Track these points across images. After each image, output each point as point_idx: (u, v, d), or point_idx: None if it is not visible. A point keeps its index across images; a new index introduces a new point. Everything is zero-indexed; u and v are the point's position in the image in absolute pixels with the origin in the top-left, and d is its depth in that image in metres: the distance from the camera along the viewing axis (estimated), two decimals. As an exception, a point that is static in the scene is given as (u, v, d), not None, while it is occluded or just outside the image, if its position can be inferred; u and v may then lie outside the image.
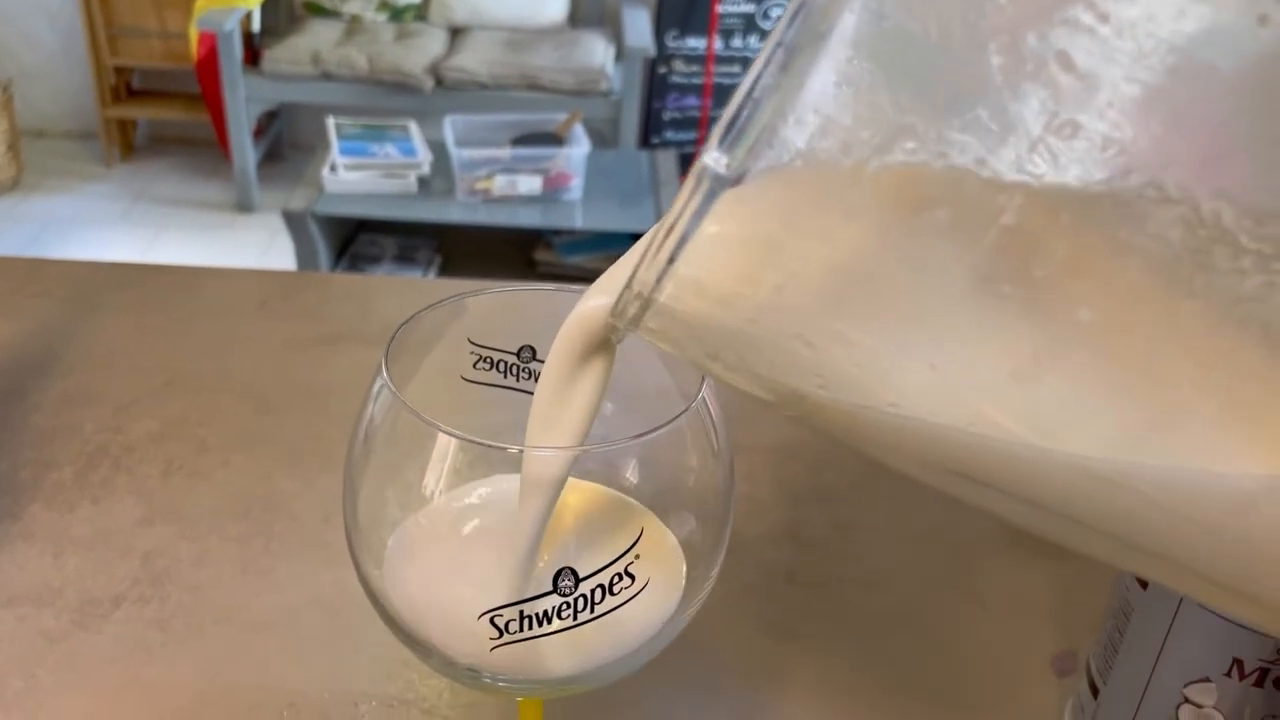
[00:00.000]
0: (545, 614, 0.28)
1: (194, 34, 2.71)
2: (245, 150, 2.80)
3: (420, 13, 2.94)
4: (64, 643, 0.44)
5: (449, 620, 0.30)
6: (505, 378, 0.35)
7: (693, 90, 2.99)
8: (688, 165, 2.53)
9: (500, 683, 0.30)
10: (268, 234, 2.78)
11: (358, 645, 0.45)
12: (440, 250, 2.56)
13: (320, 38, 2.78)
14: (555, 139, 2.37)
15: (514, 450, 0.28)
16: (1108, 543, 0.20)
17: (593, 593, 0.28)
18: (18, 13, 3.03)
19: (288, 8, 2.94)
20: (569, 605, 0.28)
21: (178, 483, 0.53)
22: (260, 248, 2.75)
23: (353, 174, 2.32)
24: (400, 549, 0.32)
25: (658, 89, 2.97)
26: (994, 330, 0.19)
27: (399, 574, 0.31)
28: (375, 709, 0.42)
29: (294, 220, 2.28)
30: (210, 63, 2.70)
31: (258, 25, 2.80)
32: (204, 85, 2.80)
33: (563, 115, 2.44)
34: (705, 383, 0.30)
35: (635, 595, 0.29)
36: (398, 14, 2.92)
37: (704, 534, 0.32)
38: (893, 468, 0.22)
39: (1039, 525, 0.22)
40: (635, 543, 0.29)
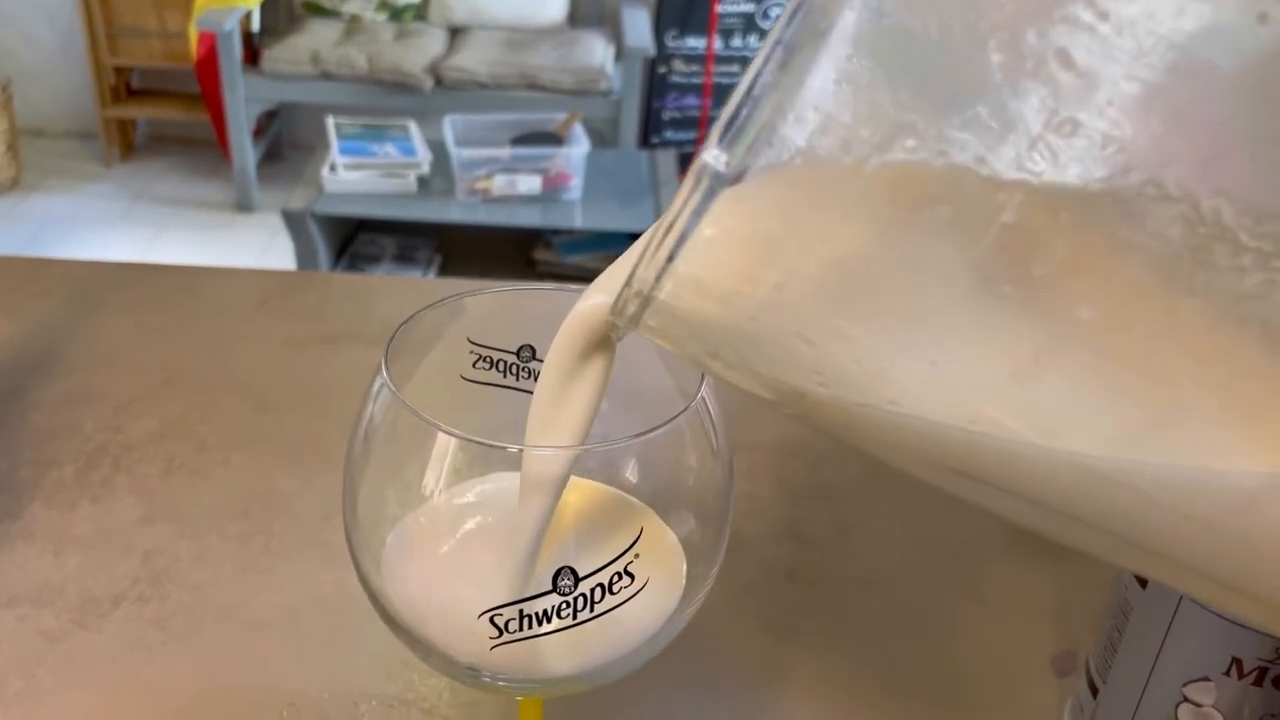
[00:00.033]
0: (545, 613, 0.28)
1: (193, 34, 2.71)
2: (245, 150, 2.80)
3: (420, 12, 2.93)
4: (64, 642, 0.44)
5: (449, 619, 0.30)
6: (505, 377, 0.34)
7: (692, 90, 2.99)
8: (687, 165, 2.51)
9: (500, 682, 0.30)
10: (267, 234, 2.78)
11: (357, 644, 0.45)
12: (440, 250, 2.56)
13: (320, 37, 2.78)
14: (555, 139, 2.36)
15: (514, 450, 0.28)
16: (1107, 541, 0.20)
17: (592, 592, 0.28)
18: (17, 13, 3.03)
19: (287, 7, 2.94)
20: (569, 604, 0.28)
21: (178, 482, 0.53)
22: (260, 247, 2.75)
23: (352, 174, 2.32)
24: (400, 548, 0.32)
25: (657, 89, 2.97)
26: (994, 328, 0.19)
27: (399, 573, 0.31)
28: (375, 708, 0.42)
29: (293, 220, 2.28)
30: (210, 62, 2.70)
31: (257, 25, 2.80)
32: (203, 85, 2.80)
33: (562, 115, 2.44)
34: (705, 381, 0.30)
35: (635, 594, 0.29)
36: (397, 14, 2.92)
37: (704, 533, 0.32)
38: (893, 466, 0.22)
39: (1038, 523, 0.22)
40: (635, 542, 0.29)
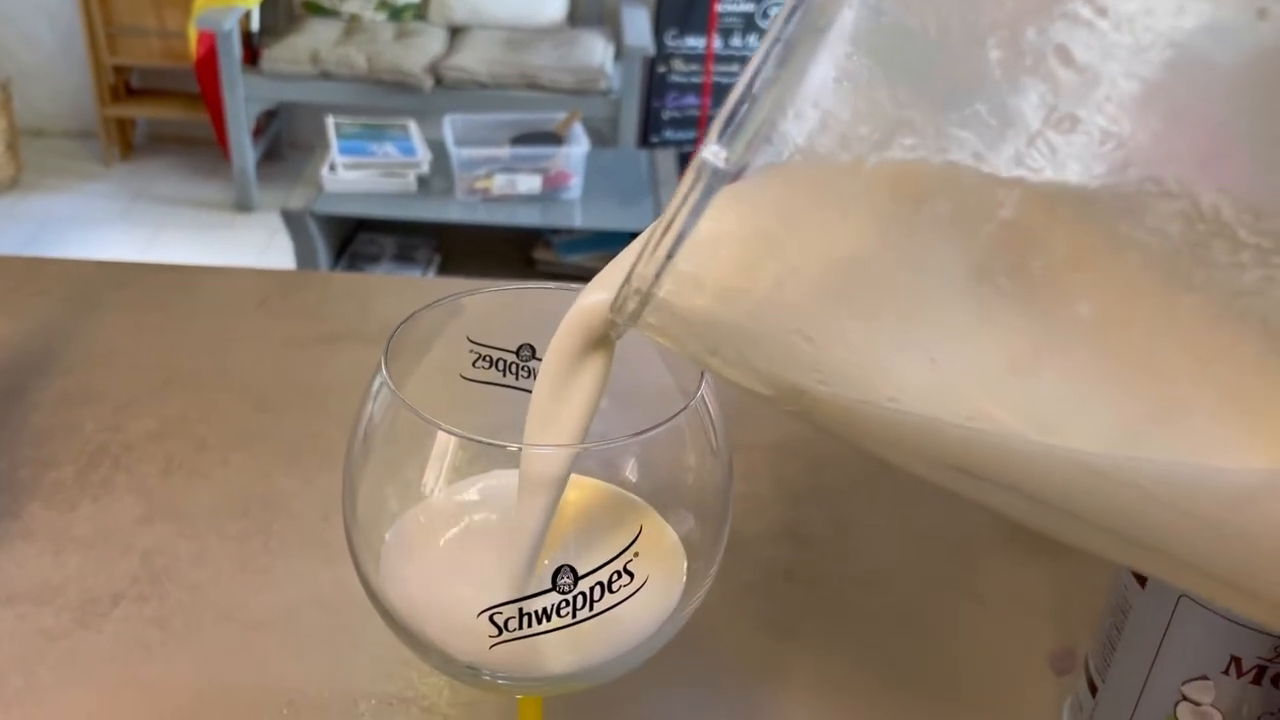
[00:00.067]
0: (544, 611, 0.28)
1: (193, 33, 2.71)
2: (244, 149, 2.80)
3: (419, 12, 2.93)
4: (64, 641, 0.44)
5: (448, 618, 0.30)
6: (504, 376, 0.34)
7: (692, 89, 2.99)
8: (687, 164, 2.51)
9: (500, 680, 0.30)
10: (267, 233, 2.78)
11: (357, 643, 0.45)
12: (439, 249, 2.56)
13: (319, 37, 2.78)
14: (554, 138, 2.36)
15: (513, 448, 0.28)
16: (1106, 537, 0.20)
17: (592, 590, 0.28)
18: (17, 12, 3.03)
19: (287, 7, 2.94)
20: (568, 603, 0.28)
21: (177, 481, 0.53)
22: (259, 247, 2.75)
23: (352, 173, 2.32)
24: (399, 547, 0.32)
25: (657, 88, 2.97)
26: (993, 325, 0.19)
27: (398, 572, 0.31)
28: (375, 707, 0.42)
29: (293, 219, 2.28)
30: (209, 62, 2.70)
31: (257, 24, 2.80)
32: (203, 84, 2.80)
33: (562, 114, 2.44)
34: (704, 380, 0.30)
35: (634, 593, 0.29)
36: (397, 13, 2.92)
37: (703, 532, 0.32)
38: (892, 463, 0.22)
39: (1038, 520, 0.22)
40: (634, 540, 0.29)
